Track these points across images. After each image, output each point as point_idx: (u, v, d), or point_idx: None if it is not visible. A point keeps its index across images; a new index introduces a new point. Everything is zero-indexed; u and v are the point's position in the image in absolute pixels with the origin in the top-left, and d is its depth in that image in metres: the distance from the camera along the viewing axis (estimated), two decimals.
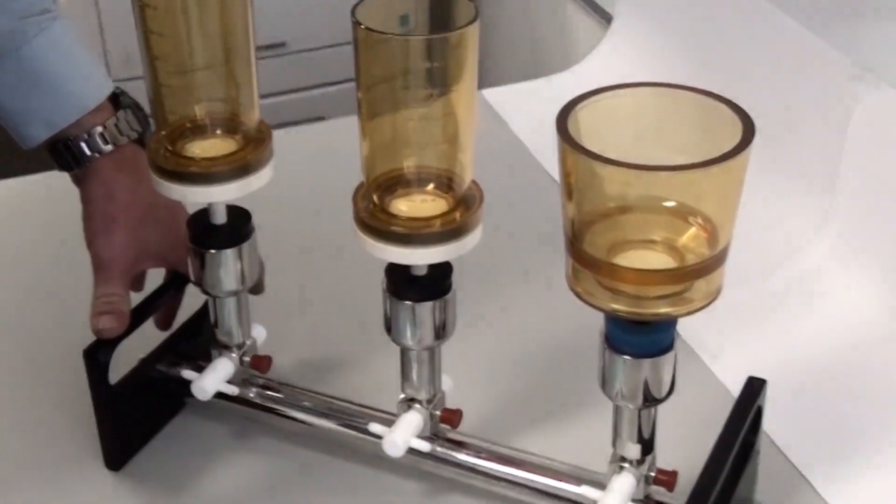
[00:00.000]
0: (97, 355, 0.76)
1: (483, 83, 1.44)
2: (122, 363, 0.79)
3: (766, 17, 1.08)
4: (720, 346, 0.89)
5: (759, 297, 0.95)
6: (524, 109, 1.22)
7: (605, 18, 1.40)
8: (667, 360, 0.65)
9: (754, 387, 0.72)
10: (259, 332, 0.81)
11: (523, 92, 1.26)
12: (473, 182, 0.68)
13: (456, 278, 0.71)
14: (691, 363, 0.87)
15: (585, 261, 0.61)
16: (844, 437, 0.81)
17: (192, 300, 0.82)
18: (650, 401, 0.66)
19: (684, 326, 0.66)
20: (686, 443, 0.69)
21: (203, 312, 0.81)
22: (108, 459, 0.80)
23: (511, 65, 1.85)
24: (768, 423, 0.74)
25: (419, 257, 0.67)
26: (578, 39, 1.55)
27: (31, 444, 0.82)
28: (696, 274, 0.61)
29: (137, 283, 0.82)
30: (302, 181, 1.05)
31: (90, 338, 0.76)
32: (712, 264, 0.61)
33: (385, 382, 0.76)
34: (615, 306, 0.61)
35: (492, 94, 1.25)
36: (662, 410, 0.68)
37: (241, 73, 0.72)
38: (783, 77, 1.06)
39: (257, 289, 0.82)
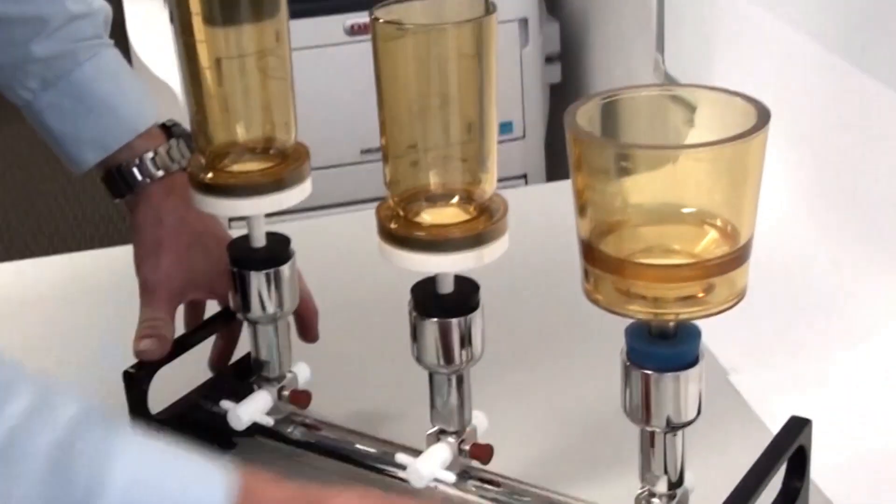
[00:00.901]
0: (136, 377, 0.76)
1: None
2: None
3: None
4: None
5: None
6: None
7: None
8: (692, 376, 0.62)
9: (794, 425, 0.67)
10: (302, 370, 0.81)
11: None
12: (497, 194, 0.67)
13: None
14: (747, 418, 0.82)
15: (603, 263, 0.59)
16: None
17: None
18: (676, 423, 0.62)
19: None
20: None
21: None
22: None
23: None
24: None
25: (442, 265, 0.66)
26: None
27: None
28: (716, 270, 0.58)
29: (194, 314, 0.82)
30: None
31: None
32: (733, 261, 0.58)
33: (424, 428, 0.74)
34: (633, 307, 0.59)
35: None
36: (702, 456, 0.64)
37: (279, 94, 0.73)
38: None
39: (310, 333, 0.82)
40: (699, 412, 0.63)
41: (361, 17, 1.71)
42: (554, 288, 1.02)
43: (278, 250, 0.76)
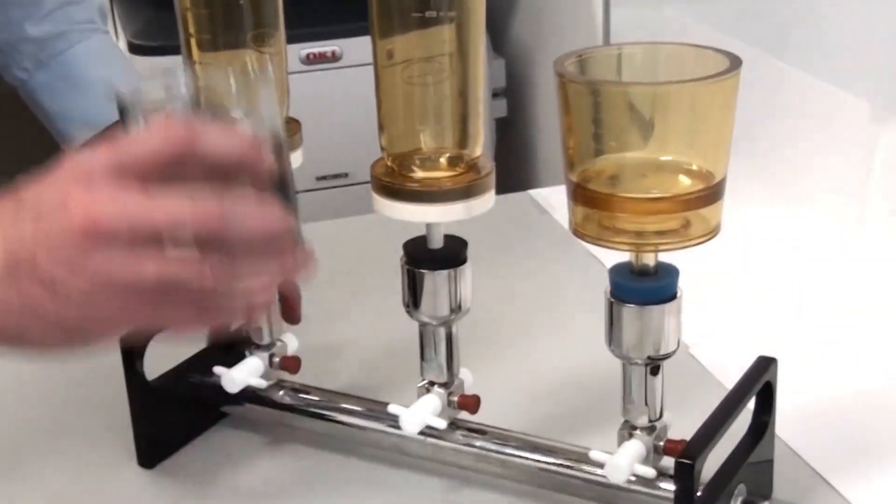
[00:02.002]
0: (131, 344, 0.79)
1: (532, 184, 1.49)
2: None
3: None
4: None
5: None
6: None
7: None
8: (672, 310, 0.67)
9: (763, 364, 0.72)
10: (291, 340, 0.84)
11: None
12: (483, 154, 0.72)
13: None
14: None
15: (590, 200, 0.64)
16: (867, 444, 0.80)
17: None
18: (658, 354, 0.67)
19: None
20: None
21: None
22: (141, 455, 0.81)
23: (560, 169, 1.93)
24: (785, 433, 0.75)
25: (432, 215, 0.70)
26: None
27: (68, 436, 0.85)
28: (692, 204, 0.63)
29: None
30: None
31: None
32: (708, 197, 0.63)
33: (414, 390, 0.77)
34: (618, 240, 0.64)
35: (539, 193, 1.30)
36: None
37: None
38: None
39: (293, 315, 0.85)
40: (678, 345, 0.68)
41: (317, 47, 1.76)
42: (526, 265, 1.09)
43: None
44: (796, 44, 1.22)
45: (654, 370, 0.68)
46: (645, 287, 0.66)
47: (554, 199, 1.28)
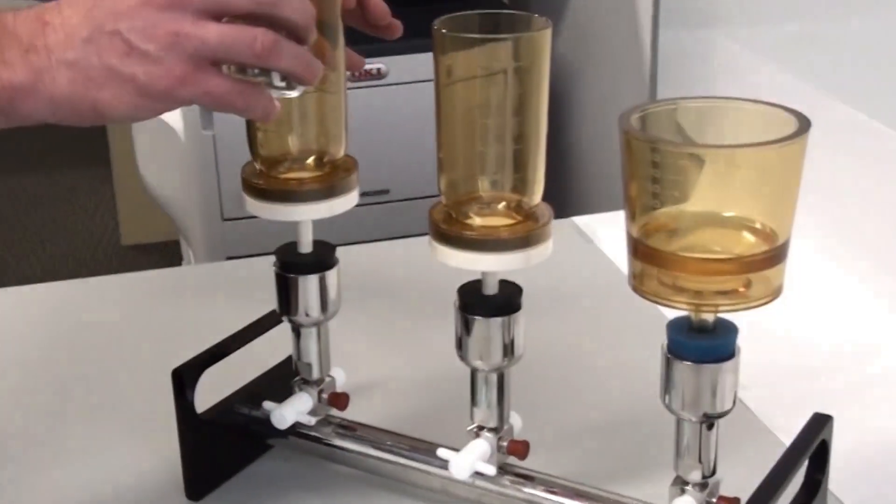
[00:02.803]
0: (184, 377, 0.79)
1: (574, 210, 1.50)
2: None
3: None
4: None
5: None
6: (615, 235, 1.26)
7: None
8: (729, 369, 0.66)
9: (819, 422, 0.71)
10: (338, 374, 0.84)
11: (615, 219, 1.30)
12: (543, 202, 0.72)
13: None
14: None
15: (650, 257, 0.64)
16: None
17: (282, 345, 0.86)
18: (713, 413, 0.67)
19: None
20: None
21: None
22: (189, 487, 0.81)
23: (602, 193, 1.93)
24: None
25: (488, 264, 0.70)
26: None
27: (117, 466, 0.86)
28: (754, 266, 0.62)
29: None
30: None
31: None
32: (771, 259, 0.62)
33: (461, 429, 0.77)
34: (677, 299, 0.63)
35: (582, 221, 1.29)
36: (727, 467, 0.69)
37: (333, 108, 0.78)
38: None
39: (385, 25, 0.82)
40: (734, 404, 0.67)
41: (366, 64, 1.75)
42: (573, 302, 1.08)
43: (325, 257, 0.80)
44: (852, 79, 1.20)
45: (709, 426, 0.68)
46: (702, 345, 0.66)
47: (598, 226, 1.27)
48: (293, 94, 0.68)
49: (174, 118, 1.77)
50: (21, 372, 0.99)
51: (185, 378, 0.79)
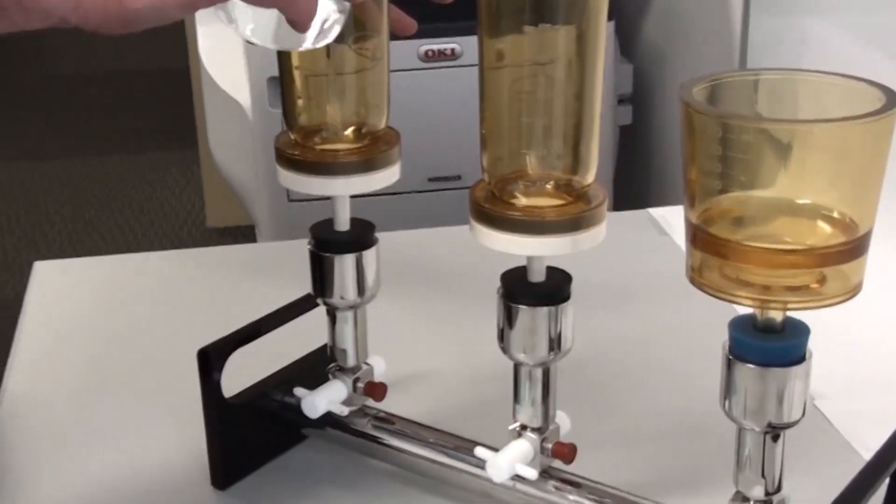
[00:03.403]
0: (210, 357, 0.74)
1: (653, 200, 1.42)
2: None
3: None
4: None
5: None
6: None
7: None
8: (798, 374, 0.59)
9: None
10: (378, 363, 0.78)
11: None
12: (596, 182, 0.65)
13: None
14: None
15: (710, 246, 0.57)
16: None
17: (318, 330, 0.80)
18: (779, 423, 0.59)
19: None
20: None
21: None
22: (215, 475, 0.77)
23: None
24: None
25: (533, 248, 0.63)
26: None
27: (141, 450, 0.81)
28: (830, 259, 0.55)
29: None
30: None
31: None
32: (849, 252, 0.55)
33: (506, 428, 0.71)
34: (741, 294, 0.56)
35: (658, 212, 1.22)
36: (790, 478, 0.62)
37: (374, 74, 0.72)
38: None
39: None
40: (804, 414, 0.60)
41: (436, 44, 1.71)
42: (632, 298, 1.01)
43: (363, 235, 0.74)
44: None
45: (775, 438, 0.61)
46: (769, 346, 0.58)
47: (675, 218, 1.20)
48: None
49: (243, 95, 1.74)
50: (53, 342, 0.95)
51: (211, 359, 0.74)
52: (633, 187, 2.03)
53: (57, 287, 1.05)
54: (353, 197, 0.72)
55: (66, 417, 0.86)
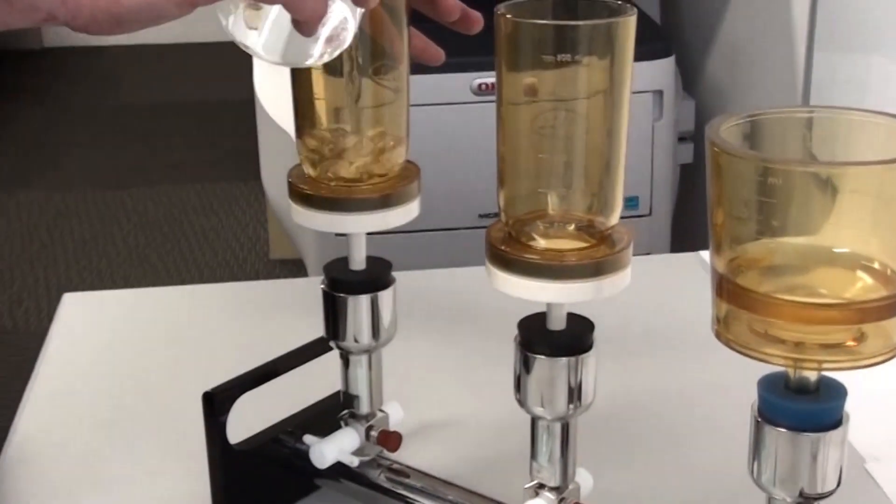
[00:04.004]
0: (216, 401, 0.71)
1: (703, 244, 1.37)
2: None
3: None
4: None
5: None
6: None
7: None
8: (833, 440, 0.54)
9: None
10: (394, 410, 0.74)
11: None
12: (620, 224, 0.61)
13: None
14: None
15: (738, 298, 0.52)
16: None
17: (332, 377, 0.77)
18: (811, 493, 0.54)
19: None
20: None
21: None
22: None
23: None
24: None
25: (552, 294, 0.59)
26: None
27: (142, 493, 0.78)
28: (869, 315, 0.50)
29: None
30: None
31: None
32: (891, 307, 0.50)
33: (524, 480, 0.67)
34: (771, 351, 0.51)
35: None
36: None
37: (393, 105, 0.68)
38: None
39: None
40: (839, 484, 0.55)
41: (489, 77, 1.67)
42: (673, 346, 0.96)
43: (379, 274, 0.70)
44: None
45: None
46: (802, 408, 0.53)
47: None
48: None
49: (289, 122, 1.70)
50: (72, 379, 0.92)
51: (217, 402, 0.70)
52: (694, 229, 1.97)
53: (82, 321, 1.03)
54: (398, 232, 0.68)
55: (74, 460, 0.82)
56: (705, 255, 1.16)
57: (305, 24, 0.57)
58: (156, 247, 3.08)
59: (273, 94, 1.82)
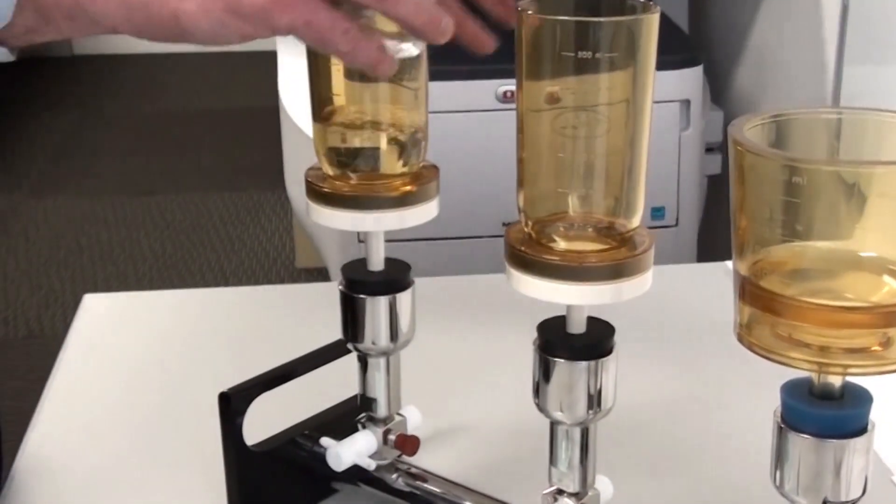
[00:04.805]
0: (232, 401, 0.70)
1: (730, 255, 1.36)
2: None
3: None
4: None
5: None
6: None
7: None
8: (858, 448, 0.52)
9: None
10: (412, 414, 0.73)
11: None
12: (642, 227, 0.60)
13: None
14: None
15: (762, 301, 0.51)
16: None
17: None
18: (835, 501, 0.53)
19: None
20: None
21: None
22: None
23: None
24: None
25: (571, 296, 0.58)
26: None
27: (159, 494, 0.78)
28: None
29: None
30: None
31: None
32: None
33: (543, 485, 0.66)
34: (795, 355, 0.50)
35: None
36: None
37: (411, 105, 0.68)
38: None
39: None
40: (864, 492, 0.54)
41: (515, 84, 1.65)
42: (696, 353, 0.95)
43: (398, 276, 0.69)
44: None
45: None
46: (826, 414, 0.52)
47: None
48: (412, 50, 0.61)
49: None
50: (90, 378, 0.92)
51: (233, 403, 0.70)
52: (721, 240, 1.96)
53: (102, 321, 1.02)
54: (420, 240, 0.67)
55: (92, 459, 0.82)
56: (731, 264, 1.15)
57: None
58: (182, 254, 3.09)
59: (297, 100, 1.82)
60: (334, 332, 0.73)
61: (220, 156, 3.75)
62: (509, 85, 1.69)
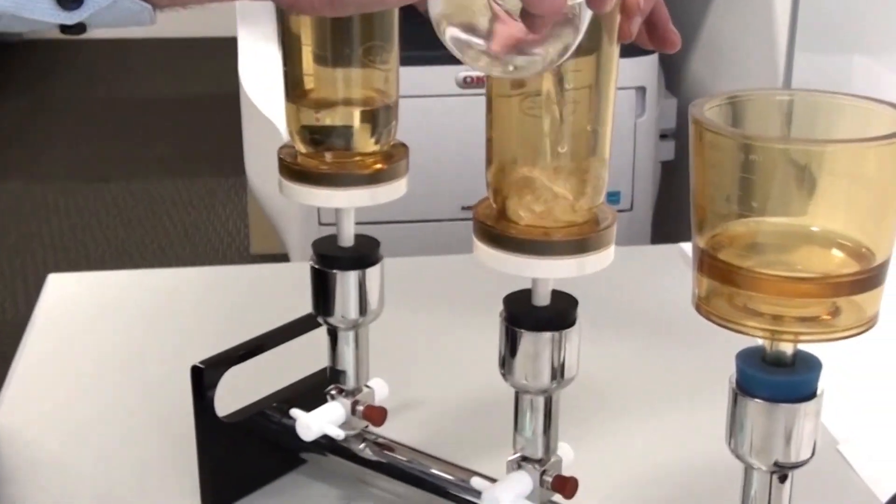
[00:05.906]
0: (204, 374, 0.72)
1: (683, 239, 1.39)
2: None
3: None
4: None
5: None
6: None
7: None
8: (808, 412, 0.55)
9: None
10: (379, 386, 0.76)
11: None
12: (605, 204, 0.62)
13: None
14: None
15: (719, 272, 0.54)
16: None
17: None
18: (786, 462, 0.56)
19: None
20: None
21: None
22: (205, 498, 0.74)
23: None
24: None
25: (537, 270, 0.60)
26: None
27: (130, 466, 0.79)
28: (843, 289, 0.52)
29: None
30: None
31: None
32: (864, 282, 0.52)
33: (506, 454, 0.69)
34: (750, 324, 0.53)
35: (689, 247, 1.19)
36: None
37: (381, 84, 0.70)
38: None
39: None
40: (813, 454, 0.56)
41: (475, 71, 1.68)
42: (653, 326, 0.98)
43: (367, 251, 0.72)
44: None
45: (782, 478, 0.57)
46: (778, 380, 0.55)
47: None
48: None
49: (278, 114, 1.72)
50: (57, 355, 0.94)
51: (205, 376, 0.72)
52: (674, 224, 2.00)
53: (67, 300, 1.04)
54: (383, 223, 0.69)
55: (61, 433, 0.83)
56: (685, 246, 1.18)
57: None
58: (135, 241, 3.08)
59: (258, 84, 1.83)
60: (298, 311, 0.75)
61: (173, 142, 3.74)
62: (469, 71, 1.71)
